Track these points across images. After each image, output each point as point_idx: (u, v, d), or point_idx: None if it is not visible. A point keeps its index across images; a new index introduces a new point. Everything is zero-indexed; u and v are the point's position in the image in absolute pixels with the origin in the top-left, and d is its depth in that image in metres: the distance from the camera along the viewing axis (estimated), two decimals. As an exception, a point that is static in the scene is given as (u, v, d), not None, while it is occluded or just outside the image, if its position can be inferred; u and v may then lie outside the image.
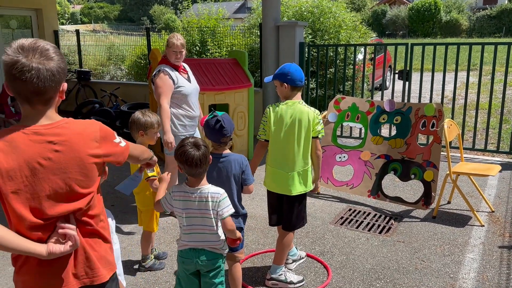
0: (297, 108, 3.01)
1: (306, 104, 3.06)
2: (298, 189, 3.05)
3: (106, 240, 1.69)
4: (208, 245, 2.37)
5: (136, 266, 3.48)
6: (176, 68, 4.14)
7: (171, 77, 4.03)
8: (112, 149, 1.64)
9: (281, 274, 3.15)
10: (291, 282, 3.15)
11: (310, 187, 3.13)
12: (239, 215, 2.73)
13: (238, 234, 2.43)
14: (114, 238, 2.35)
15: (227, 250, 2.46)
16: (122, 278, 2.51)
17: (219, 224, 2.37)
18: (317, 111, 3.07)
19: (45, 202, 1.50)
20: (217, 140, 2.64)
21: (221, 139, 2.63)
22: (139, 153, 1.94)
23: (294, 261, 3.45)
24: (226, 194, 2.33)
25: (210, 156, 2.34)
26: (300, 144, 3.00)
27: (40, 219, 1.50)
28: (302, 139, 3.00)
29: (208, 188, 2.31)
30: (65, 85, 1.55)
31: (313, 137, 3.04)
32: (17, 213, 1.47)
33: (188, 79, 4.26)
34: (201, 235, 2.35)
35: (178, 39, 4.07)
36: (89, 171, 1.56)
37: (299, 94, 3.08)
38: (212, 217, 2.30)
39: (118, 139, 1.68)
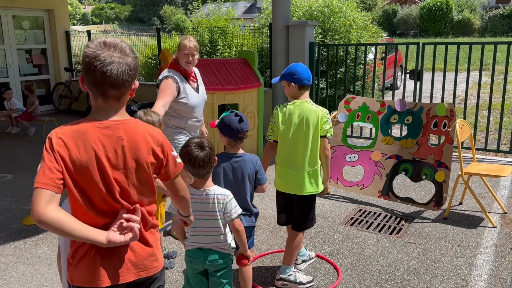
0: (305, 107, 3.00)
1: (314, 103, 3.06)
2: (308, 189, 3.04)
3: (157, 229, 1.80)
4: (216, 245, 2.37)
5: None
6: (186, 75, 3.77)
7: (178, 87, 3.66)
8: (169, 157, 1.71)
9: (291, 274, 3.14)
10: (300, 283, 3.14)
11: (321, 188, 3.12)
12: (252, 213, 2.74)
13: (249, 252, 2.47)
14: None
15: (234, 250, 2.46)
16: None
17: (227, 224, 2.38)
18: (325, 110, 3.05)
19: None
20: (235, 136, 2.61)
21: (239, 134, 2.61)
22: (182, 187, 1.84)
23: (303, 261, 3.44)
24: (232, 195, 2.33)
25: (216, 158, 2.33)
26: (309, 143, 2.99)
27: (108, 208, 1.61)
28: (311, 138, 2.99)
29: (214, 190, 2.31)
30: (136, 84, 1.63)
31: (321, 136, 3.03)
32: (85, 199, 1.56)
33: (197, 89, 3.89)
34: (209, 237, 2.35)
35: (191, 40, 3.72)
36: (146, 169, 1.64)
37: (306, 93, 3.07)
38: (219, 218, 2.31)
39: (176, 153, 1.76)
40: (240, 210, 2.34)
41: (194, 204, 2.30)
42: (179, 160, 1.76)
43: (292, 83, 3.02)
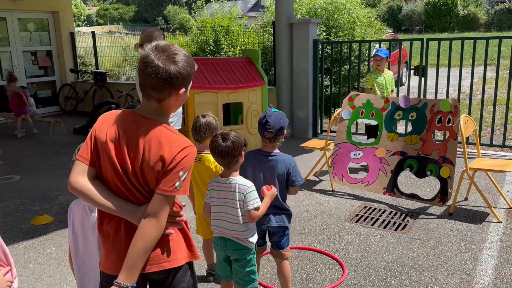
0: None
1: None
2: None
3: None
4: (233, 234, 2.47)
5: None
6: None
7: None
8: (173, 172, 1.61)
9: None
10: None
11: None
12: (283, 213, 2.76)
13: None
14: None
15: (253, 244, 2.52)
16: None
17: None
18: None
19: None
20: (261, 134, 2.72)
21: (264, 133, 2.69)
22: (156, 211, 1.63)
23: None
24: (254, 188, 2.42)
25: (242, 153, 2.43)
26: None
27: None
28: None
29: (237, 180, 2.43)
30: (182, 90, 1.63)
31: None
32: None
33: None
34: (228, 224, 2.46)
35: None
36: (149, 171, 1.63)
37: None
38: (238, 207, 2.41)
39: (184, 175, 1.63)
40: (258, 204, 2.42)
41: (219, 191, 2.46)
42: (178, 185, 1.62)
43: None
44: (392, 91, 5.81)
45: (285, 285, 2.86)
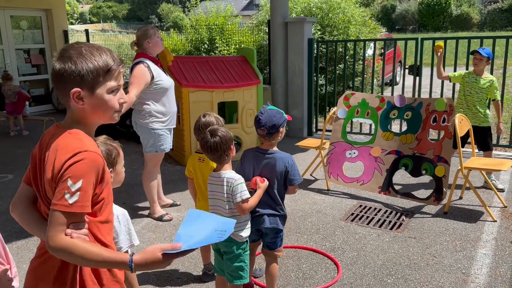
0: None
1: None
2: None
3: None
4: None
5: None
6: (155, 61, 4.08)
7: (150, 72, 3.94)
8: (59, 183, 1.36)
9: None
10: None
11: None
12: (278, 215, 2.73)
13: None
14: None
15: (243, 238, 2.54)
16: None
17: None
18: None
19: None
20: (256, 131, 2.71)
21: (257, 130, 2.68)
22: (52, 233, 1.36)
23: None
24: (242, 180, 2.48)
25: (232, 147, 2.49)
26: None
27: None
28: None
29: (226, 173, 2.50)
30: (74, 90, 1.44)
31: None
32: None
33: (165, 72, 4.21)
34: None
35: (154, 27, 4.21)
36: (51, 187, 1.42)
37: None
38: (225, 200, 2.48)
39: (75, 186, 1.35)
40: (246, 196, 2.46)
41: (212, 185, 2.57)
42: (69, 198, 1.34)
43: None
44: (494, 100, 4.82)
45: (271, 284, 2.85)
